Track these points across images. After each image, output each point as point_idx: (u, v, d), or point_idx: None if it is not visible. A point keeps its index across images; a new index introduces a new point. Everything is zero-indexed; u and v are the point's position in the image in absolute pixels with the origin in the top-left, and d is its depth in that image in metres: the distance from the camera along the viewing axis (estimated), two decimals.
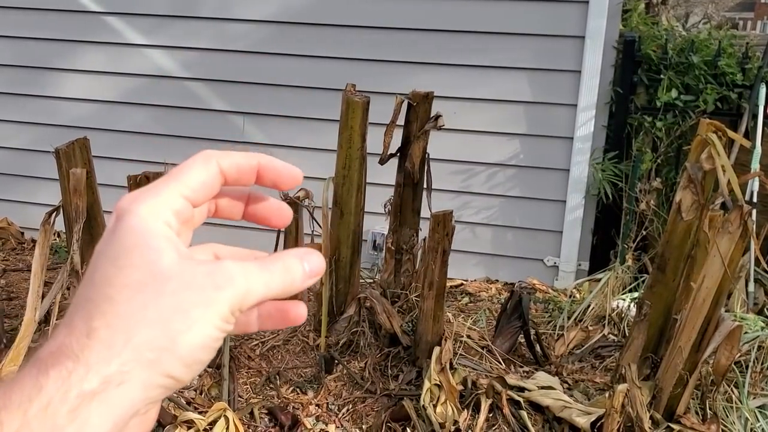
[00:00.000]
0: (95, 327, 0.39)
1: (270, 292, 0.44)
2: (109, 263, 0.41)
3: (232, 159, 0.46)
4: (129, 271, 0.40)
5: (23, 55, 4.70)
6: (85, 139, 2.76)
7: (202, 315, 0.40)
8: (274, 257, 0.45)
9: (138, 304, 0.39)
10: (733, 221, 2.32)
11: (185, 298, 0.40)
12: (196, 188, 0.45)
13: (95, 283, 0.41)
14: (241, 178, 0.47)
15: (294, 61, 4.32)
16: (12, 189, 4.87)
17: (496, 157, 4.20)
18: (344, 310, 2.94)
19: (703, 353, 2.39)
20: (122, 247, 0.41)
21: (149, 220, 0.42)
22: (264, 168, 0.48)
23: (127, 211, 0.42)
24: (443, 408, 2.46)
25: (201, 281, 0.41)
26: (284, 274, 0.44)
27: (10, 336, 2.91)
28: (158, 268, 0.41)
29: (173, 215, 0.44)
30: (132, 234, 0.42)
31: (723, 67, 3.89)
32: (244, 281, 0.42)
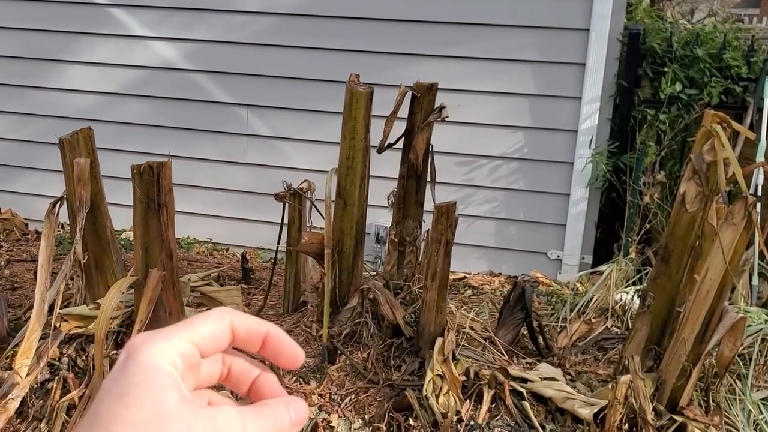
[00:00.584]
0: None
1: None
2: (115, 400, 0.43)
3: (244, 320, 0.50)
4: (134, 410, 0.42)
5: (27, 46, 4.70)
6: (89, 129, 2.76)
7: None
8: (263, 403, 0.49)
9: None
10: (737, 213, 2.32)
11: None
12: (205, 337, 0.48)
13: (101, 420, 0.43)
14: (249, 341, 0.50)
15: (298, 53, 4.32)
16: (16, 180, 4.89)
17: (499, 149, 4.19)
18: (347, 301, 2.94)
19: (706, 345, 2.39)
20: (129, 384, 0.44)
21: (157, 360, 0.45)
22: (270, 338, 0.51)
23: (137, 349, 0.45)
24: (446, 398, 2.46)
25: (202, 426, 0.43)
26: (274, 419, 0.47)
27: (13, 326, 2.92)
28: (162, 408, 0.43)
29: (179, 357, 0.46)
30: (139, 372, 0.44)
31: (728, 60, 3.88)
32: (241, 427, 0.45)
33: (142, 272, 2.62)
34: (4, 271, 3.93)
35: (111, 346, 2.67)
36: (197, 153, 4.57)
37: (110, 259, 2.86)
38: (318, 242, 2.86)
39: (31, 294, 3.47)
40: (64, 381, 2.53)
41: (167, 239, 2.58)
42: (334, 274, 2.91)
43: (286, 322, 3.04)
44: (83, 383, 2.54)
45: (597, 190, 4.11)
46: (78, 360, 2.65)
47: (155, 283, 2.54)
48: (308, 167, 4.16)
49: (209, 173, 4.59)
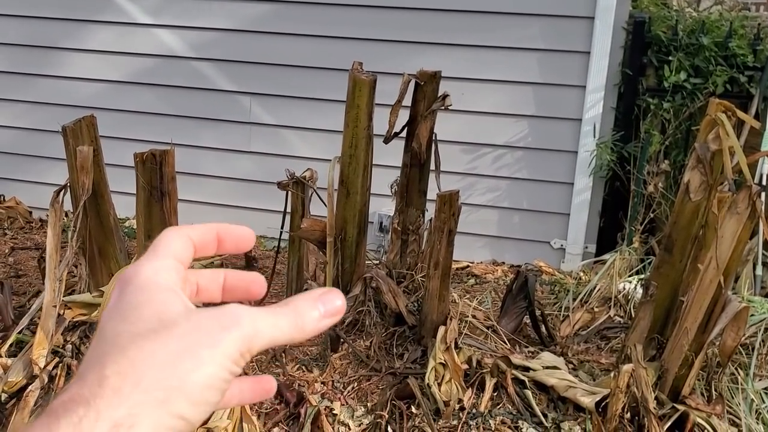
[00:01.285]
0: (106, 375, 0.40)
1: (279, 334, 0.45)
2: (119, 320, 0.43)
3: (195, 230, 0.52)
4: (139, 324, 0.42)
5: (31, 34, 4.70)
6: (92, 117, 2.76)
7: (210, 355, 0.41)
8: (286, 301, 0.47)
9: (148, 350, 0.41)
10: (741, 202, 2.31)
11: (193, 340, 0.42)
12: (179, 251, 0.49)
13: (107, 339, 0.42)
14: (206, 244, 0.52)
15: (301, 41, 4.30)
16: (20, 168, 4.89)
17: (503, 138, 4.18)
18: (350, 290, 2.94)
19: (709, 334, 2.39)
20: (131, 304, 0.44)
21: (154, 277, 0.45)
22: (222, 231, 0.53)
23: (131, 276, 0.46)
24: (448, 386, 2.47)
25: (208, 324, 0.43)
26: (293, 317, 0.46)
27: (18, 313, 2.93)
28: (167, 316, 0.43)
29: (174, 272, 0.47)
30: (140, 291, 0.44)
31: (734, 49, 3.85)
32: (251, 323, 0.43)
33: None
34: (8, 259, 3.95)
35: None
36: (200, 141, 4.56)
37: (113, 247, 2.87)
38: (319, 229, 2.86)
39: (36, 282, 3.49)
40: (68, 368, 2.54)
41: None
42: (337, 263, 2.91)
43: None
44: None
45: (601, 179, 4.10)
46: (82, 347, 2.66)
47: None
48: (311, 156, 4.16)
49: (212, 162, 4.59)
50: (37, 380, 2.44)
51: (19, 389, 2.48)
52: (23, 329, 2.65)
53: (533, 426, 2.39)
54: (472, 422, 2.39)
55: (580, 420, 2.41)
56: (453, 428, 2.38)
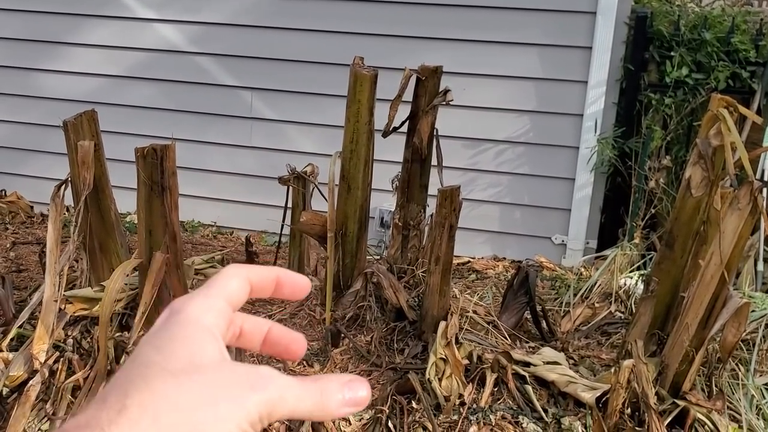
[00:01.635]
0: (128, 405, 0.40)
1: (300, 408, 0.45)
2: (153, 350, 0.43)
3: (255, 271, 0.51)
4: (171, 359, 0.42)
5: (33, 29, 4.69)
6: (93, 112, 2.75)
7: (229, 412, 0.41)
8: (316, 377, 0.47)
9: (172, 389, 0.41)
10: (742, 198, 2.30)
11: (218, 392, 0.41)
12: (234, 292, 0.49)
13: (136, 366, 0.42)
14: (263, 287, 0.52)
15: (303, 36, 4.30)
16: (21, 163, 4.90)
17: (505, 133, 4.17)
18: (351, 285, 2.94)
19: (710, 330, 2.39)
20: (169, 337, 0.44)
21: (199, 317, 0.45)
22: (281, 277, 0.53)
23: (179, 308, 0.46)
24: (448, 382, 2.47)
25: (236, 379, 0.42)
26: (318, 395, 0.45)
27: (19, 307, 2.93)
28: (200, 360, 0.43)
29: (220, 315, 0.47)
30: (181, 327, 0.44)
31: (736, 44, 3.84)
32: (278, 390, 0.43)
33: (146, 255, 2.62)
34: (9, 254, 3.95)
35: (115, 328, 2.68)
36: (202, 136, 4.56)
37: (114, 241, 2.87)
38: (319, 223, 2.86)
39: (37, 276, 3.49)
40: (69, 362, 2.55)
41: (171, 222, 2.59)
42: (338, 258, 2.91)
43: (290, 306, 3.05)
44: (88, 365, 2.56)
45: (602, 174, 4.10)
46: (83, 342, 2.67)
47: (159, 266, 2.54)
48: (313, 151, 4.15)
49: (214, 157, 4.59)
50: (38, 375, 2.45)
51: (20, 383, 2.48)
52: (24, 324, 2.66)
53: (534, 421, 2.39)
54: (472, 417, 2.39)
55: (580, 415, 2.41)
56: (453, 423, 2.38)
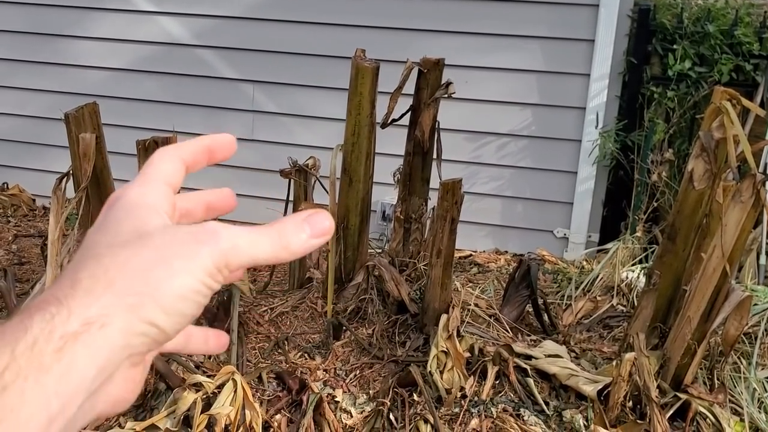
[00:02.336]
0: (79, 278, 0.40)
1: (259, 253, 0.44)
2: (98, 233, 0.44)
3: (185, 148, 0.51)
4: (117, 237, 0.43)
5: (35, 21, 4.69)
6: (95, 104, 2.75)
7: (183, 266, 0.41)
8: (271, 223, 0.46)
9: (122, 257, 0.41)
10: (745, 191, 2.30)
11: (168, 251, 0.42)
12: (170, 174, 0.49)
13: (83, 249, 0.43)
14: (198, 162, 0.52)
15: (305, 29, 4.29)
16: (23, 156, 4.90)
17: (507, 127, 4.17)
18: (352, 278, 2.94)
19: (712, 323, 2.38)
20: (112, 219, 0.44)
21: (140, 198, 0.45)
22: (212, 144, 0.53)
23: (116, 197, 0.46)
24: (450, 374, 2.47)
25: (184, 237, 0.42)
26: (276, 236, 0.45)
27: (21, 300, 2.94)
28: (144, 230, 0.43)
29: (162, 197, 0.47)
30: (123, 210, 0.45)
31: (739, 37, 3.83)
32: (229, 238, 0.43)
33: None
34: (11, 246, 3.96)
35: None
36: (203, 129, 4.56)
37: None
38: None
39: (39, 269, 3.50)
40: None
41: None
42: (339, 251, 2.91)
43: (292, 298, 3.05)
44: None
45: (604, 168, 4.09)
46: None
47: None
48: (314, 144, 4.15)
49: None
50: None
51: None
52: None
53: (535, 414, 2.39)
54: (473, 410, 2.39)
55: (582, 408, 2.41)
56: (455, 416, 2.38)
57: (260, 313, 2.94)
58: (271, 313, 2.94)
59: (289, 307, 2.98)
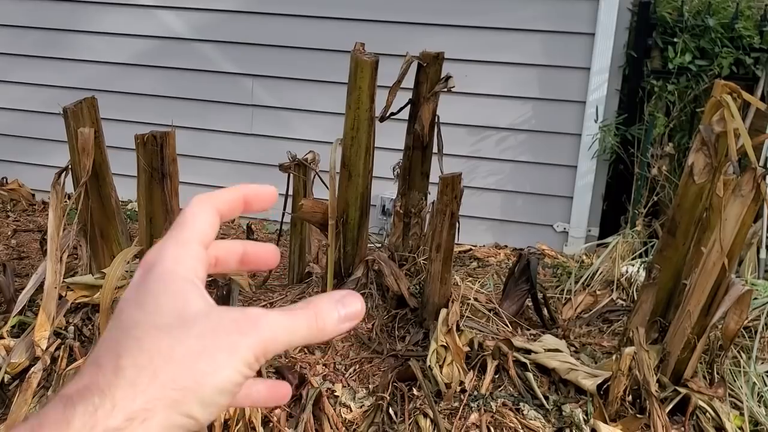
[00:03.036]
0: (122, 366, 0.40)
1: (296, 338, 0.45)
2: (137, 308, 0.43)
3: (221, 197, 0.50)
4: (157, 316, 0.42)
5: (34, 15, 4.67)
6: (93, 99, 2.74)
7: (226, 360, 0.41)
8: (307, 302, 0.46)
9: (165, 345, 0.41)
10: (745, 185, 2.29)
11: (211, 342, 0.41)
12: (205, 231, 0.48)
13: (123, 327, 0.42)
14: (233, 209, 0.51)
15: (304, 23, 4.27)
16: (23, 151, 4.89)
17: (507, 121, 4.16)
18: (352, 272, 2.93)
19: (711, 318, 2.38)
20: (150, 293, 0.43)
21: (176, 268, 0.44)
22: (248, 193, 0.52)
23: (153, 262, 0.45)
24: (449, 369, 2.47)
25: (227, 326, 0.42)
26: (313, 320, 0.45)
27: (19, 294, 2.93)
28: (186, 312, 0.42)
29: (197, 261, 0.46)
30: (160, 281, 0.44)
31: (740, 30, 3.82)
32: (269, 327, 0.43)
33: (146, 242, 2.62)
34: (11, 241, 3.95)
35: None
36: (202, 124, 4.55)
37: (115, 229, 2.86)
38: (320, 211, 2.85)
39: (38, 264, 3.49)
40: (70, 350, 2.55)
41: (171, 209, 2.58)
42: (339, 246, 2.91)
43: (291, 293, 3.04)
44: (89, 352, 2.56)
45: (604, 162, 4.08)
46: (84, 329, 2.67)
47: None
48: (314, 138, 4.14)
49: (215, 144, 4.58)
50: (40, 362, 2.45)
51: (21, 371, 2.49)
52: (26, 311, 2.66)
53: (534, 408, 2.39)
54: (473, 404, 2.39)
55: (581, 402, 2.41)
56: (454, 410, 2.38)
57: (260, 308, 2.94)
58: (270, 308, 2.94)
59: (289, 302, 2.98)
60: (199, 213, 0.48)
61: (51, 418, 0.38)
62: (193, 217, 0.48)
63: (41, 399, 2.46)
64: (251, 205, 0.52)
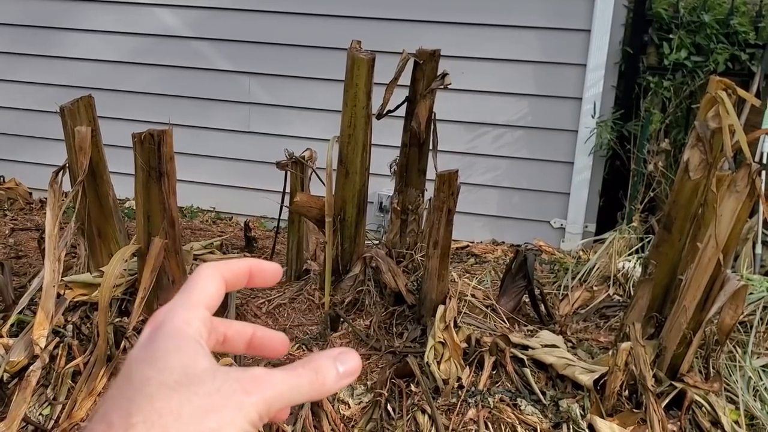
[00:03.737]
0: (134, 423, 0.41)
1: (298, 396, 0.47)
2: (147, 366, 0.44)
3: (229, 267, 0.53)
4: (167, 373, 0.43)
5: (30, 14, 4.67)
6: (90, 97, 2.74)
7: (232, 417, 0.43)
8: (307, 360, 0.49)
9: (175, 403, 0.42)
10: (740, 180, 2.30)
11: (218, 400, 0.43)
12: (212, 296, 0.51)
13: (134, 384, 0.43)
14: (237, 280, 0.54)
15: (300, 20, 4.27)
16: (20, 149, 4.89)
17: (503, 117, 4.16)
18: (350, 269, 2.95)
19: (707, 313, 2.39)
20: (160, 350, 0.45)
21: (184, 327, 0.47)
22: (254, 267, 0.55)
23: (162, 320, 0.47)
24: (447, 365, 2.48)
25: (233, 386, 0.44)
26: (314, 376, 0.48)
27: (18, 293, 2.94)
28: (194, 371, 0.44)
29: (203, 324, 0.48)
30: (169, 339, 0.46)
31: (735, 26, 3.83)
32: (272, 387, 0.45)
33: (144, 240, 2.62)
34: (8, 240, 3.95)
35: (115, 313, 2.69)
36: (200, 122, 4.55)
37: (113, 227, 2.87)
38: (316, 206, 2.86)
39: (36, 262, 3.49)
40: (68, 348, 2.56)
41: (169, 207, 2.59)
42: (337, 243, 2.92)
43: (289, 290, 3.05)
44: (88, 350, 2.56)
45: (601, 158, 4.09)
46: (82, 327, 2.67)
47: (157, 251, 2.55)
48: (311, 136, 4.15)
49: (212, 142, 4.58)
50: (39, 360, 2.46)
51: (20, 369, 2.49)
52: (24, 309, 2.66)
53: (532, 404, 2.40)
54: (471, 400, 2.40)
55: (578, 398, 2.42)
56: (452, 406, 2.39)
57: (258, 305, 2.95)
58: (268, 305, 2.95)
59: (287, 299, 2.99)
60: (207, 279, 0.51)
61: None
62: (202, 282, 0.50)
63: (40, 397, 2.47)
64: (255, 279, 0.55)
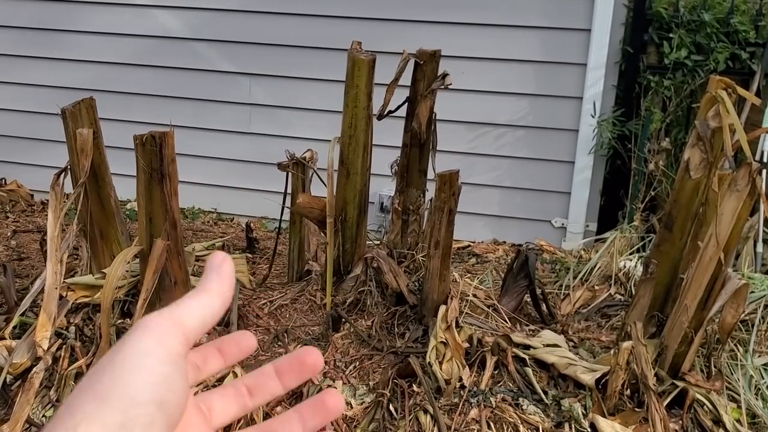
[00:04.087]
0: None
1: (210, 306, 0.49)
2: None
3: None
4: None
5: (31, 17, 4.68)
6: (92, 99, 2.75)
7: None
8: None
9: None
10: (741, 179, 2.30)
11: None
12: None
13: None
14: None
15: (301, 21, 4.28)
16: (21, 152, 4.90)
17: (504, 117, 4.17)
18: (351, 270, 2.95)
19: (708, 311, 2.40)
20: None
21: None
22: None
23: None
24: (449, 365, 2.48)
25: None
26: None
27: (21, 295, 2.94)
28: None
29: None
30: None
31: (735, 25, 3.83)
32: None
33: (146, 242, 2.63)
34: (10, 242, 3.96)
35: (117, 315, 2.70)
36: (201, 123, 4.56)
37: (115, 229, 2.87)
38: (318, 207, 2.86)
39: (38, 264, 3.50)
40: (71, 350, 2.56)
41: (171, 209, 2.59)
42: (338, 243, 2.92)
43: (291, 291, 3.06)
44: (90, 352, 2.57)
45: (602, 157, 4.09)
46: (85, 329, 2.68)
47: (160, 253, 2.55)
48: (311, 137, 4.15)
49: (213, 143, 4.59)
50: (42, 362, 2.47)
51: (23, 371, 2.50)
52: (27, 311, 2.67)
53: (534, 403, 2.41)
54: (473, 400, 2.40)
55: (580, 397, 2.43)
56: (454, 406, 2.40)
57: (260, 306, 2.95)
58: (270, 306, 2.96)
59: (289, 300, 2.99)
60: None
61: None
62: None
63: (43, 399, 2.48)
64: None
